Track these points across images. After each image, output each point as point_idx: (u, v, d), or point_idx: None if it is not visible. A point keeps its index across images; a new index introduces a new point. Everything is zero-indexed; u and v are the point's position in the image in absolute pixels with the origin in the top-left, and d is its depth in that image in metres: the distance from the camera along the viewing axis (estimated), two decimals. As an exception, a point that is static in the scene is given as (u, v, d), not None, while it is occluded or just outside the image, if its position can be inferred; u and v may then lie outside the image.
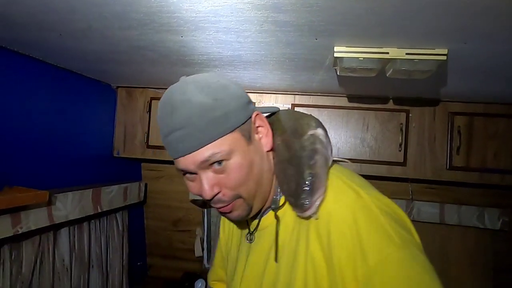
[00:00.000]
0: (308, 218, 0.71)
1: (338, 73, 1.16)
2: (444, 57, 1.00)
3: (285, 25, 0.91)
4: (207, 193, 0.72)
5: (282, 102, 1.86)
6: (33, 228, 1.31)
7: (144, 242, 2.41)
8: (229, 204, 0.75)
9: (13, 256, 1.30)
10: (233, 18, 0.88)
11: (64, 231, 1.57)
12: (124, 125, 2.01)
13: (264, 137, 0.78)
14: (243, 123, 0.73)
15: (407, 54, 1.01)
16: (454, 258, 2.04)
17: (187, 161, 0.71)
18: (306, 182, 0.70)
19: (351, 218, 0.65)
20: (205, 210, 2.29)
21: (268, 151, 0.79)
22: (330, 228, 0.67)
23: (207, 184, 0.72)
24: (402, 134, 1.76)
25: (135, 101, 2.00)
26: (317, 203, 0.69)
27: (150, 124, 1.97)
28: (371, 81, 1.32)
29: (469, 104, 1.74)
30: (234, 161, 0.71)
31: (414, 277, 0.59)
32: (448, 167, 1.74)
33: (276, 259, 0.77)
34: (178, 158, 0.72)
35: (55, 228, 1.50)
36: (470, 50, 1.00)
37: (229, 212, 0.77)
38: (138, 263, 2.31)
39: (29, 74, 1.42)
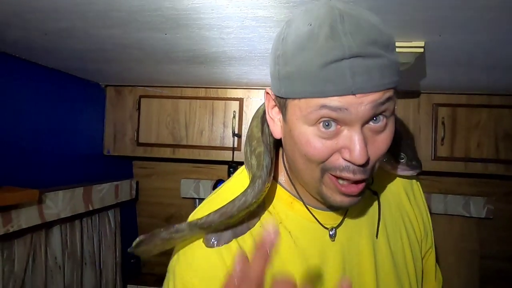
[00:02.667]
0: (413, 176, 0.80)
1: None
2: (421, 49, 1.03)
3: (265, 21, 0.93)
4: (362, 155, 0.52)
5: (269, 97, 1.88)
6: (24, 226, 1.33)
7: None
8: (365, 181, 0.57)
9: (5, 255, 1.32)
10: (214, 15, 0.90)
11: (56, 229, 1.59)
12: (114, 123, 2.02)
13: None
14: None
15: (385, 47, 1.04)
16: (441, 247, 2.08)
17: (359, 101, 0.50)
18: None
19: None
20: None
21: None
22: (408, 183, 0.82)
23: (362, 142, 0.52)
24: (387, 126, 1.78)
25: (124, 99, 2.01)
26: None
27: (140, 121, 1.98)
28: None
29: (452, 95, 1.77)
30: (392, 121, 0.56)
31: None
32: (433, 158, 1.77)
33: (377, 236, 0.70)
34: (345, 94, 0.50)
35: (46, 226, 1.52)
36: (446, 42, 1.03)
37: (355, 195, 0.58)
38: (132, 260, 2.32)
39: (17, 75, 1.43)
